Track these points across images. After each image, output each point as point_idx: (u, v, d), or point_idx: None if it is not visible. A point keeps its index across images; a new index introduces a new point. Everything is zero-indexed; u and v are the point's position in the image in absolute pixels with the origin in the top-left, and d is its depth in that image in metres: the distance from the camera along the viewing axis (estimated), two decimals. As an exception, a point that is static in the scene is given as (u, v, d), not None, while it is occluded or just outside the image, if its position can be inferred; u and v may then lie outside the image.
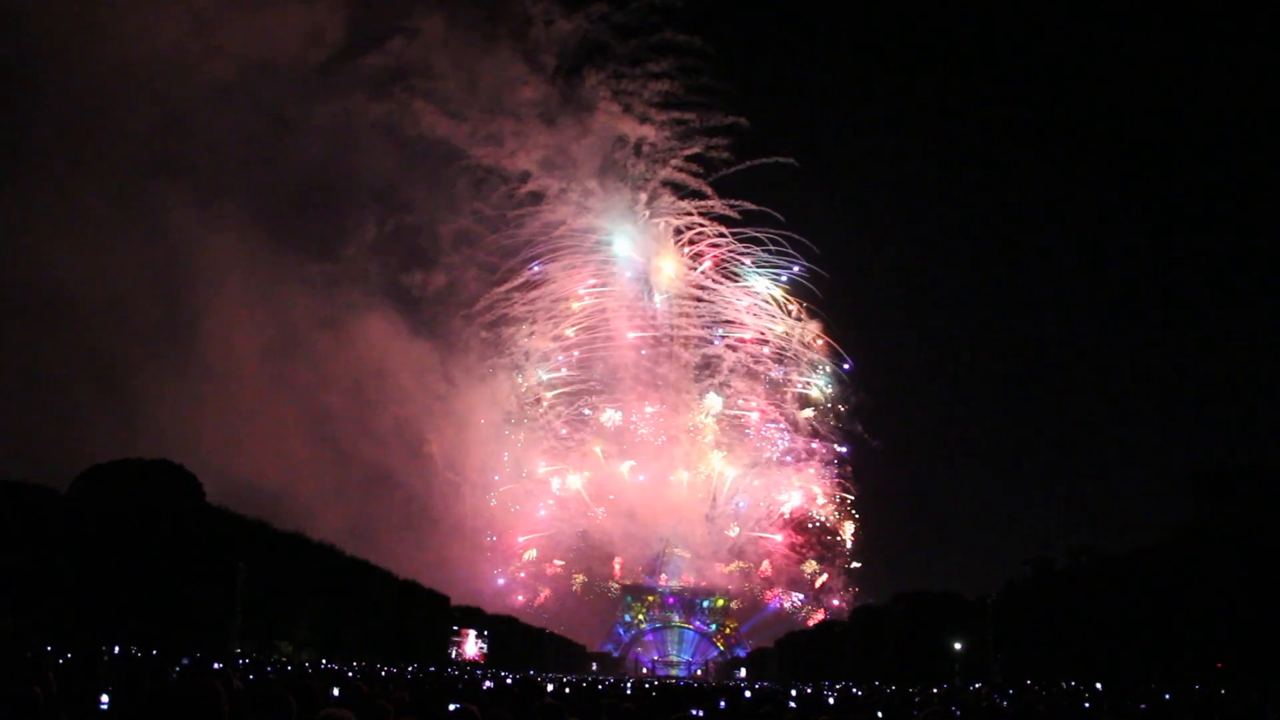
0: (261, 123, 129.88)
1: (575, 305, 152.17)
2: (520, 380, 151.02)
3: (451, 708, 9.16)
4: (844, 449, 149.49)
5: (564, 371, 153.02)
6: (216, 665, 27.58)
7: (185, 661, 28.49)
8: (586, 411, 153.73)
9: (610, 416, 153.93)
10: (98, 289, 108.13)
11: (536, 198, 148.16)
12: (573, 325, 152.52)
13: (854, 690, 53.27)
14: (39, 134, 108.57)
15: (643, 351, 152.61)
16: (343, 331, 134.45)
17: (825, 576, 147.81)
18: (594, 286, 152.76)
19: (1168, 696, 37.88)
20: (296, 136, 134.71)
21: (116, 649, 38.73)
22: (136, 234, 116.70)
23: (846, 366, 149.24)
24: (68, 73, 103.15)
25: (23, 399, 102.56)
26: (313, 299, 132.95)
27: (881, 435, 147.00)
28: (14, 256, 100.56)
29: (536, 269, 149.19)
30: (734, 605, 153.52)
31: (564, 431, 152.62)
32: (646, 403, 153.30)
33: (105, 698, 9.45)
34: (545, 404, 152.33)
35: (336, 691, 14.39)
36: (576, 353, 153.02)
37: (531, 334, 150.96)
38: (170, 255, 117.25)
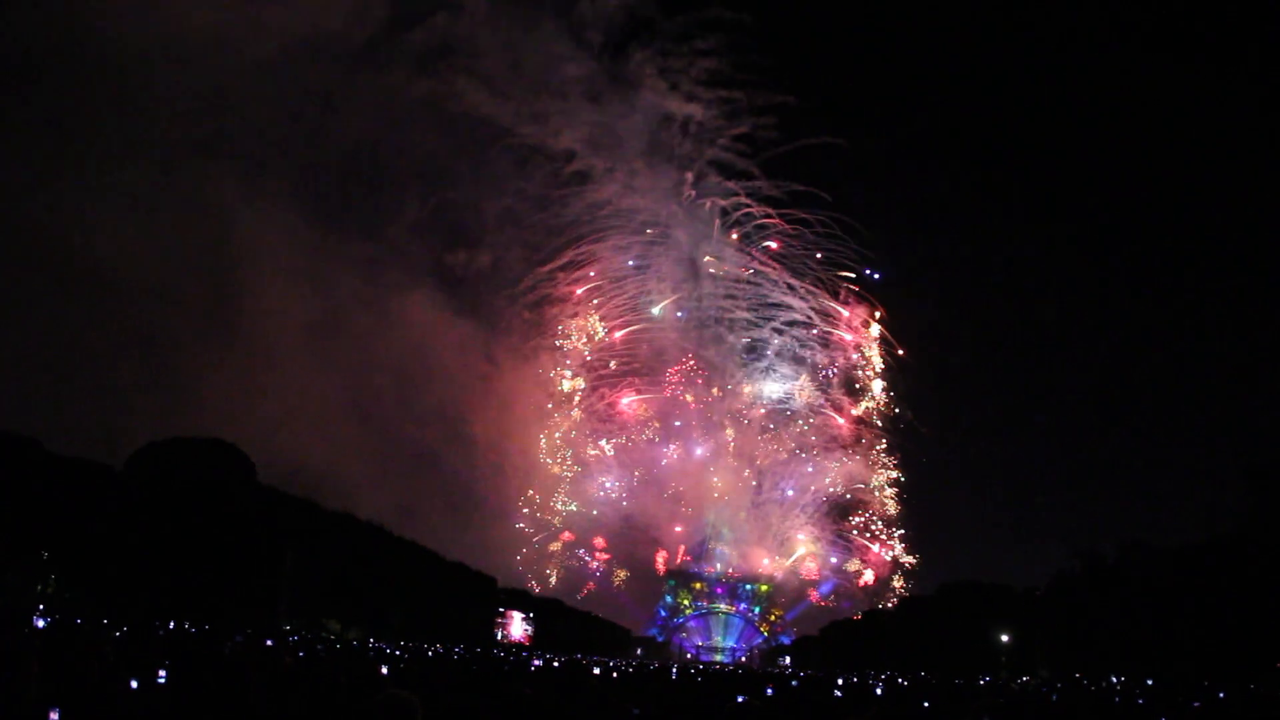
0: (305, 100, 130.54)
1: (620, 286, 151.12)
2: (564, 361, 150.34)
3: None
4: (893, 437, 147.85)
5: (608, 354, 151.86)
6: (269, 642, 27.94)
7: (238, 638, 28.89)
8: (628, 395, 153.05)
9: (653, 399, 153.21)
10: (144, 267, 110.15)
11: (581, 177, 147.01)
12: (617, 306, 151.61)
13: (900, 681, 52.89)
14: (85, 112, 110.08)
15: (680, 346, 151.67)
16: (386, 311, 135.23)
17: (871, 572, 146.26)
18: (639, 268, 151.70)
19: (1222, 695, 37.16)
20: (340, 114, 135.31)
21: (172, 624, 39.43)
22: (182, 212, 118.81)
23: (895, 353, 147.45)
24: (114, 51, 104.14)
25: (72, 376, 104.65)
26: (356, 278, 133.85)
27: (930, 423, 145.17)
28: (63, 235, 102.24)
29: (581, 249, 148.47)
30: (780, 600, 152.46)
31: (607, 414, 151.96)
32: (692, 386, 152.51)
33: (163, 672, 9.58)
34: (588, 386, 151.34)
35: (385, 670, 14.51)
36: (620, 334, 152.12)
37: (575, 314, 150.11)
38: (215, 233, 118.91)
